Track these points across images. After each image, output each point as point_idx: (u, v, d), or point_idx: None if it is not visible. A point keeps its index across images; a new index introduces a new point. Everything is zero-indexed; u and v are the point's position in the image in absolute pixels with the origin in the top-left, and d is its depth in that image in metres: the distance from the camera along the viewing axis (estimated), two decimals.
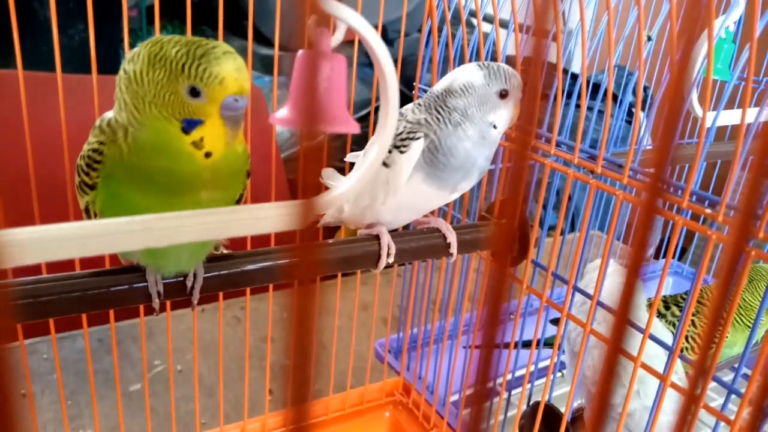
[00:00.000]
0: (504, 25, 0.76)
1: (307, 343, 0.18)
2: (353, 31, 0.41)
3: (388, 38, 1.93)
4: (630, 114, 1.67)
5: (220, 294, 0.76)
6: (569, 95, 0.87)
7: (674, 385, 0.57)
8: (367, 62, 1.98)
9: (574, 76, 1.16)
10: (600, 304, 0.63)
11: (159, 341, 1.09)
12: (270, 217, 0.42)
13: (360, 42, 0.42)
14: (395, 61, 0.44)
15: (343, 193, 0.44)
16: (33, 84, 0.59)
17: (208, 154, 0.43)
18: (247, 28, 0.70)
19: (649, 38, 0.86)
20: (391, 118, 0.44)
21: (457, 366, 0.83)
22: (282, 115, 0.40)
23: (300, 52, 0.40)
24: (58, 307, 0.48)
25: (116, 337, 1.11)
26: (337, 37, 0.40)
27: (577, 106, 0.74)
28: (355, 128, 0.42)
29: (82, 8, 0.59)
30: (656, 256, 1.29)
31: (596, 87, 1.48)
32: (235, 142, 0.45)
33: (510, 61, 0.72)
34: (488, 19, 0.88)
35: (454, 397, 0.88)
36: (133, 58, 0.43)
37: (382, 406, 0.90)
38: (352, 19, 0.41)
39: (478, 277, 0.86)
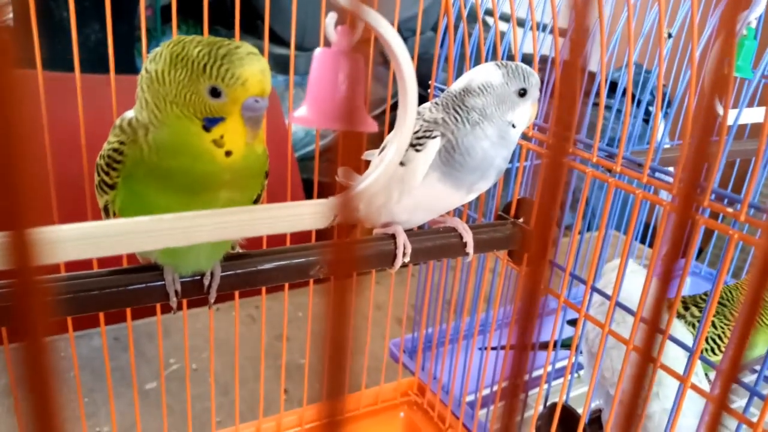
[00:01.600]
0: (521, 23, 0.75)
1: (344, 339, 0.18)
2: (373, 31, 0.41)
3: (403, 36, 1.93)
4: (647, 113, 1.66)
5: (236, 293, 0.76)
6: (587, 93, 0.87)
7: (695, 387, 0.56)
8: (380, 61, 1.97)
9: (591, 75, 1.15)
10: (619, 304, 0.62)
11: (174, 339, 1.09)
12: (309, 214, 0.42)
13: (376, 41, 0.42)
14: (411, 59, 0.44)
15: (361, 191, 0.44)
16: (49, 84, 0.59)
17: (228, 153, 0.43)
18: (260, 27, 0.70)
19: (670, 35, 0.85)
20: (409, 117, 0.44)
21: (472, 366, 0.82)
22: (301, 114, 0.40)
23: (318, 50, 0.40)
24: (76, 306, 0.48)
25: (132, 336, 1.12)
26: (356, 36, 0.40)
27: (595, 104, 0.73)
28: (373, 127, 0.42)
29: (97, 8, 0.59)
30: None
31: (613, 85, 1.47)
32: (255, 142, 0.45)
33: (526, 59, 0.71)
34: (505, 17, 0.87)
35: (470, 398, 0.87)
36: (155, 57, 0.43)
37: (397, 406, 0.89)
38: (373, 19, 0.40)
39: (494, 278, 0.86)
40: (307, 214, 0.42)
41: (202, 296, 0.53)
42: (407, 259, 0.62)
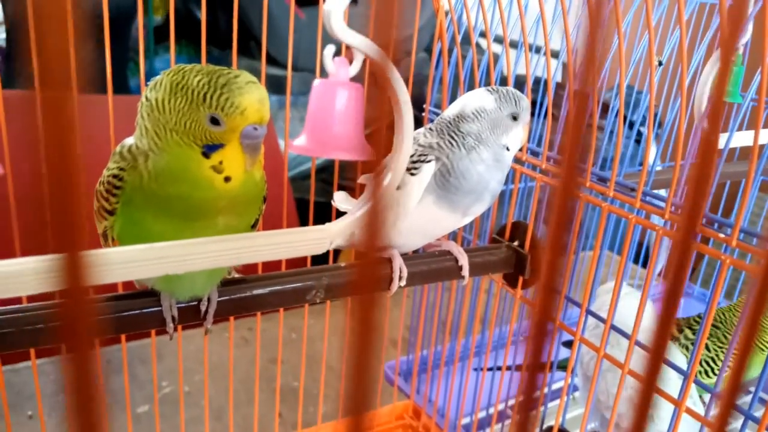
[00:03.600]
0: (514, 45, 0.76)
1: (369, 358, 0.18)
2: (368, 58, 0.42)
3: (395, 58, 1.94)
4: (639, 134, 1.68)
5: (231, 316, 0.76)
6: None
7: (689, 411, 0.56)
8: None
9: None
10: (613, 327, 0.62)
11: (166, 362, 1.08)
12: (307, 240, 0.43)
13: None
14: (405, 82, 0.45)
15: (357, 219, 0.44)
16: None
17: (227, 179, 0.43)
18: (253, 47, 0.71)
19: (660, 63, 0.86)
20: (406, 143, 0.45)
21: (468, 389, 0.82)
22: (300, 143, 0.41)
23: (317, 81, 0.41)
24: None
25: (121, 359, 1.11)
26: (355, 67, 0.40)
27: (588, 125, 0.74)
28: (372, 155, 0.42)
29: (90, 28, 0.59)
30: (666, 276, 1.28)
31: (605, 106, 1.48)
32: (254, 168, 0.45)
33: (519, 81, 0.72)
34: (498, 40, 0.89)
35: (465, 420, 0.87)
36: (155, 86, 0.43)
37: (392, 430, 0.89)
38: (365, 47, 0.41)
39: (489, 299, 0.86)
40: (305, 241, 0.42)
41: (199, 322, 0.53)
42: (403, 283, 0.63)
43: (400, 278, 0.62)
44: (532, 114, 0.97)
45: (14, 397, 1.00)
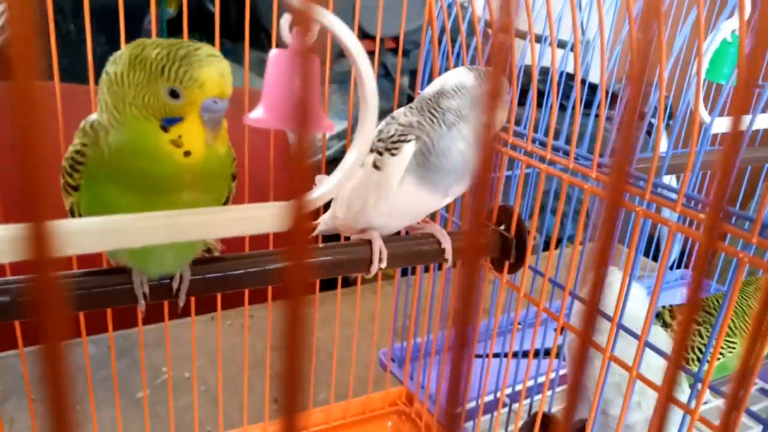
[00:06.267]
0: (521, 36, 0.75)
1: (299, 350, 0.17)
2: (330, 33, 0.41)
3: (405, 49, 1.94)
4: (650, 125, 1.65)
5: (218, 300, 0.76)
6: (588, 105, 0.85)
7: (674, 400, 0.55)
8: (381, 73, 1.98)
9: (593, 86, 1.14)
10: (599, 312, 0.61)
11: (166, 349, 1.09)
12: (264, 217, 0.42)
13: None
14: (413, 73, 0.44)
15: (318, 197, 0.44)
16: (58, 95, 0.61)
17: (187, 153, 0.43)
18: (264, 39, 0.71)
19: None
20: (370, 119, 0.44)
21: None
22: (256, 115, 0.40)
23: (274, 51, 0.41)
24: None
25: (125, 345, 1.12)
26: (311, 37, 0.40)
27: (596, 116, 0.72)
28: (330, 128, 0.42)
29: (102, 22, 0.60)
30: (671, 267, 1.26)
31: (614, 97, 1.46)
32: (218, 144, 0.45)
33: (526, 71, 0.71)
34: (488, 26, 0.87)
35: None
36: (116, 60, 0.43)
37: (385, 416, 0.89)
38: (329, 21, 0.40)
39: (486, 286, 0.85)
40: (262, 217, 0.42)
41: (174, 299, 0.53)
42: (384, 265, 0.62)
43: (381, 260, 0.62)
44: (540, 104, 0.96)
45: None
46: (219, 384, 0.78)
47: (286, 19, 0.40)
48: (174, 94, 0.41)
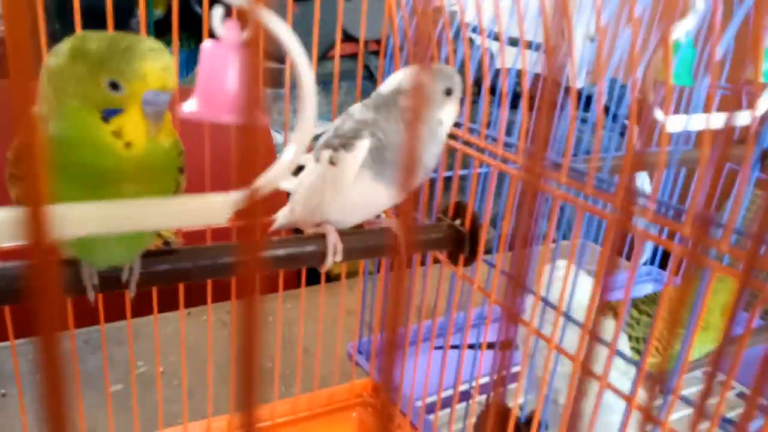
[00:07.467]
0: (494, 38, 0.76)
1: (254, 342, 0.18)
2: (265, 27, 0.43)
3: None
4: (623, 127, 1.67)
5: (208, 296, 0.77)
6: (561, 108, 0.87)
7: (611, 386, 0.57)
8: (365, 75, 2.00)
9: (567, 88, 1.15)
10: (545, 302, 0.63)
11: (143, 344, 1.10)
12: (205, 209, 0.43)
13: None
14: None
15: (258, 187, 0.45)
16: None
17: (128, 144, 0.43)
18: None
19: (592, 39, 0.86)
20: (308, 114, 0.46)
21: (420, 369, 0.83)
22: (190, 108, 0.42)
23: (207, 43, 0.42)
24: None
25: (101, 339, 1.13)
26: (245, 31, 0.41)
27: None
28: (266, 122, 0.43)
29: (89, 21, 0.61)
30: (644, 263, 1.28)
31: (589, 99, 1.47)
32: (162, 136, 0.46)
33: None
34: (476, 31, 0.89)
35: (428, 400, 0.88)
36: (56, 52, 0.43)
37: (350, 407, 0.90)
38: (263, 16, 0.42)
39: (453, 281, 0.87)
40: (203, 209, 0.43)
41: (125, 290, 0.54)
42: (339, 258, 0.64)
43: (335, 253, 0.63)
44: (515, 106, 0.97)
45: None
46: (184, 378, 0.79)
47: (217, 11, 0.41)
48: (115, 86, 0.42)
